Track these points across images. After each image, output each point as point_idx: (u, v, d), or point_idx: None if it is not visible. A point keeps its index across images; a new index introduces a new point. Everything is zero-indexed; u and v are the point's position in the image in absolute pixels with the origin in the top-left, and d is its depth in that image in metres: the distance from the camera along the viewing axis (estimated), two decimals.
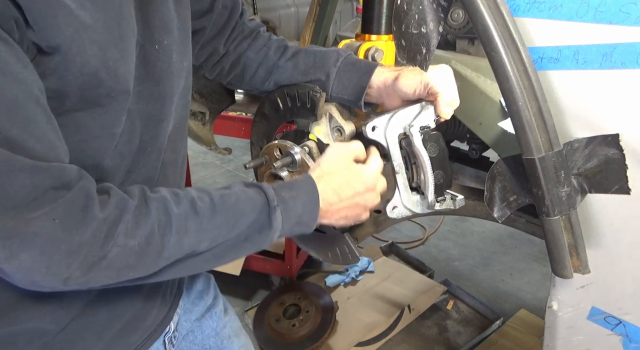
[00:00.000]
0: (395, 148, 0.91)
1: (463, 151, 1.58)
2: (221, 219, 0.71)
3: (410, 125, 0.88)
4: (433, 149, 0.89)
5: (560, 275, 0.93)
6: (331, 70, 0.95)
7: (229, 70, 1.08)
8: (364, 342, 2.28)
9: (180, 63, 0.81)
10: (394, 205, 0.95)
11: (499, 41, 0.79)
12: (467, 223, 3.49)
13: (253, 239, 0.75)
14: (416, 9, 0.95)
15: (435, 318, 2.52)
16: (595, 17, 0.77)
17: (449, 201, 0.94)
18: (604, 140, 0.82)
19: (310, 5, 1.75)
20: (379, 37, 1.09)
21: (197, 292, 1.13)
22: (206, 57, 1.07)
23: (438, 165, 0.90)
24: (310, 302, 2.39)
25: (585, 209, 0.89)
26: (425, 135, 0.89)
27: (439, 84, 0.85)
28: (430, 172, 0.90)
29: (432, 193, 0.92)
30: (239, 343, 1.17)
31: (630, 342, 0.94)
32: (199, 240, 0.69)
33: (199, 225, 0.69)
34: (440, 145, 0.90)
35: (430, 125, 0.89)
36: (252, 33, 1.08)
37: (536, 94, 0.81)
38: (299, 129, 1.04)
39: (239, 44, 1.06)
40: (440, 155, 0.90)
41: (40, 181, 0.57)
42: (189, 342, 1.11)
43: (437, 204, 0.93)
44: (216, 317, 1.15)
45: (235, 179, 4.40)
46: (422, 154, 0.89)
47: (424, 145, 0.88)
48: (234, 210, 0.73)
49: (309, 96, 0.96)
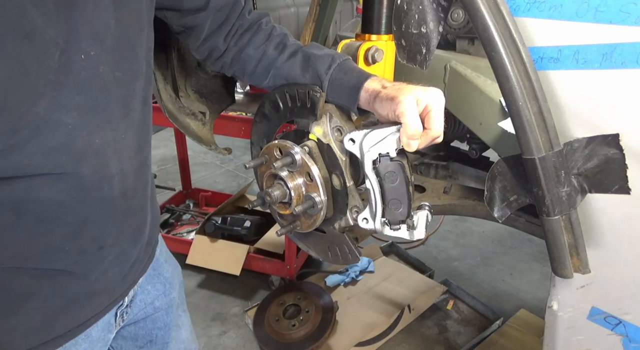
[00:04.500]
0: (368, 164, 0.89)
1: (463, 151, 1.58)
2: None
3: (368, 150, 0.86)
4: (391, 178, 0.87)
5: (560, 275, 0.93)
6: (323, 77, 0.94)
7: (230, 65, 1.07)
8: (364, 342, 2.28)
9: (110, 73, 0.77)
10: (364, 217, 0.96)
11: (499, 41, 0.79)
12: (467, 223, 3.49)
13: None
14: (416, 9, 0.95)
15: (435, 318, 2.52)
16: (595, 16, 0.77)
17: (403, 231, 0.92)
18: (604, 140, 0.82)
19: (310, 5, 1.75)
20: (379, 37, 1.09)
21: (162, 277, 1.15)
22: (208, 53, 1.06)
23: (394, 194, 0.88)
24: (310, 302, 2.39)
25: (586, 209, 0.89)
26: (384, 161, 0.86)
27: (406, 114, 0.79)
28: (378, 199, 0.89)
29: (379, 219, 0.91)
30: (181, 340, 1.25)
31: (630, 342, 0.94)
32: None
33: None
34: (401, 176, 0.87)
35: (391, 153, 0.86)
36: (252, 26, 1.06)
37: (536, 94, 0.81)
38: (299, 129, 1.04)
39: (239, 39, 1.05)
40: (399, 185, 0.87)
41: None
42: (138, 327, 1.15)
43: (389, 230, 0.92)
44: (171, 312, 1.20)
45: (236, 179, 4.41)
46: (371, 180, 0.88)
47: (376, 173, 0.87)
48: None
49: (309, 96, 0.96)
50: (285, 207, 1.06)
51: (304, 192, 1.02)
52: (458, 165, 1.54)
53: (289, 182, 1.01)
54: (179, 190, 3.70)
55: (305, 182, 1.01)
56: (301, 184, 1.02)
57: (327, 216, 1.04)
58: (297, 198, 1.02)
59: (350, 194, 1.00)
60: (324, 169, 1.00)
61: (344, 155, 0.98)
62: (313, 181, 0.99)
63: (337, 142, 0.98)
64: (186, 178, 3.61)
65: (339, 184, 1.00)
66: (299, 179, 1.02)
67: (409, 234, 0.93)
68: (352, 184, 1.00)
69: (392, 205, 0.90)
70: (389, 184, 0.88)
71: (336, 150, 0.98)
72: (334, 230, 1.06)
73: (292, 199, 1.02)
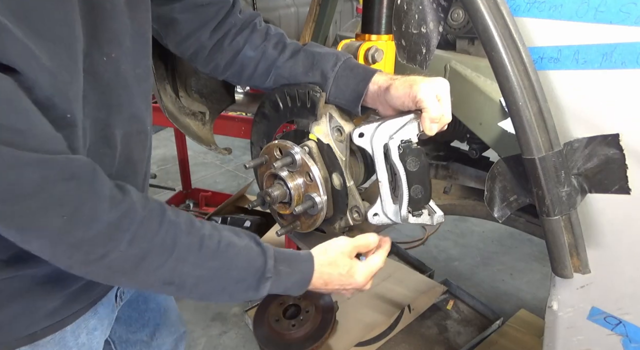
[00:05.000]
0: (380, 157, 0.90)
1: (463, 151, 1.58)
2: (218, 265, 0.78)
3: (391, 137, 0.88)
4: (413, 164, 0.88)
5: (560, 275, 0.93)
6: (329, 74, 0.95)
7: (224, 68, 1.05)
8: (364, 342, 2.27)
9: (131, 71, 0.82)
10: (374, 212, 0.96)
11: (499, 41, 0.79)
12: (467, 223, 3.49)
13: (236, 294, 0.83)
14: (416, 9, 0.95)
15: (435, 318, 2.51)
16: (595, 17, 0.77)
17: (425, 216, 0.93)
18: (604, 140, 0.82)
19: (310, 5, 1.75)
20: (379, 37, 1.09)
21: None
22: (193, 51, 1.04)
23: (417, 180, 0.89)
24: (310, 302, 2.39)
25: (586, 209, 0.89)
26: (405, 148, 0.87)
27: (427, 99, 0.84)
28: (405, 186, 0.89)
29: (405, 207, 0.91)
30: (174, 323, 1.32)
31: (630, 342, 0.94)
32: (190, 274, 0.76)
33: (197, 260, 0.76)
34: (422, 161, 0.89)
35: (412, 139, 0.88)
36: (246, 25, 1.03)
37: (536, 94, 0.81)
38: (299, 129, 1.04)
39: (233, 40, 1.02)
40: (420, 170, 0.89)
41: (48, 173, 0.60)
42: (132, 308, 1.20)
43: (412, 218, 0.93)
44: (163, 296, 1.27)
45: (236, 179, 4.40)
46: (398, 168, 0.88)
47: (402, 159, 0.88)
48: (232, 262, 0.79)
49: (309, 96, 0.96)
50: (285, 207, 1.06)
51: (304, 192, 1.02)
52: (458, 165, 1.54)
53: (289, 182, 1.01)
54: (179, 190, 3.70)
55: (305, 182, 1.01)
56: (301, 184, 1.02)
57: (327, 216, 1.04)
58: (297, 198, 1.02)
59: (350, 194, 1.00)
60: (324, 169, 1.00)
61: (344, 155, 0.98)
62: (313, 181, 0.99)
63: (337, 142, 0.98)
64: (186, 178, 3.61)
65: (339, 184, 1.00)
66: (299, 179, 1.02)
67: (430, 219, 0.93)
68: (352, 184, 1.00)
69: (415, 191, 0.91)
70: (411, 170, 0.89)
71: (336, 150, 0.98)
72: (334, 230, 1.06)
73: (292, 199, 1.02)
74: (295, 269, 0.86)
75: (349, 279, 0.91)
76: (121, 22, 0.78)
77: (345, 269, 0.91)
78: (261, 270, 0.81)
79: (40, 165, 0.59)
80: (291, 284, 0.86)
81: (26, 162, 0.58)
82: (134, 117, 0.85)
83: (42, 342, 0.87)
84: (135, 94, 0.84)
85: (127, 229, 0.68)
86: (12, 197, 0.59)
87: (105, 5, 0.73)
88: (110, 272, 0.71)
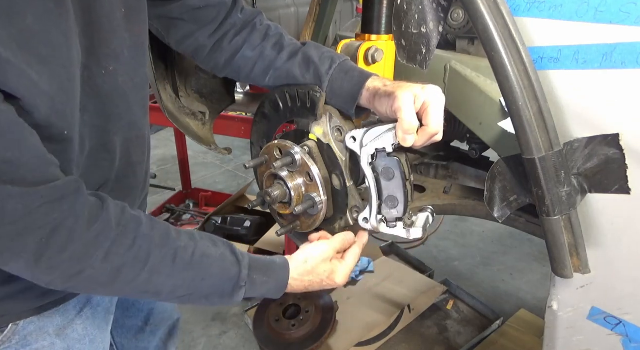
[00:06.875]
0: (366, 162, 0.90)
1: (463, 151, 1.58)
2: (192, 275, 0.81)
3: (365, 145, 0.87)
4: (387, 174, 0.87)
5: (560, 275, 0.93)
6: (324, 77, 0.94)
7: (223, 66, 1.06)
8: (364, 342, 2.27)
9: (129, 82, 0.85)
10: (364, 216, 0.96)
11: (499, 41, 0.79)
12: (467, 223, 3.49)
13: (212, 300, 0.86)
14: (416, 9, 0.94)
15: (435, 318, 2.51)
16: (595, 16, 0.77)
17: (399, 229, 0.92)
18: (604, 140, 0.82)
19: (310, 5, 1.75)
20: (379, 37, 1.09)
21: None
22: (193, 50, 1.06)
23: (390, 191, 0.88)
24: (310, 302, 2.39)
25: (586, 209, 0.89)
26: (379, 158, 0.87)
27: (404, 109, 0.81)
28: (374, 195, 0.89)
29: (374, 216, 0.91)
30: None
31: (630, 342, 0.94)
32: (165, 284, 0.80)
33: (171, 272, 0.79)
34: (399, 171, 0.87)
35: (387, 148, 0.86)
36: (246, 25, 1.04)
37: (536, 94, 0.81)
38: (299, 129, 1.04)
39: (232, 40, 1.03)
40: (396, 181, 0.87)
41: (31, 202, 0.63)
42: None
43: (386, 228, 0.92)
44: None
45: (236, 179, 4.41)
46: (367, 176, 0.88)
47: (373, 168, 0.87)
48: (206, 272, 0.83)
49: (309, 96, 0.96)
50: (285, 207, 1.06)
51: (304, 192, 1.02)
52: (458, 165, 1.54)
53: (289, 182, 1.01)
54: (179, 190, 3.70)
55: (305, 182, 1.01)
56: (301, 184, 1.02)
57: (327, 216, 1.04)
58: (297, 198, 1.02)
59: (350, 194, 1.00)
60: (324, 169, 1.00)
61: (344, 155, 0.98)
62: (313, 181, 0.99)
63: (337, 142, 0.98)
64: (186, 178, 3.61)
65: (339, 184, 1.00)
66: (299, 179, 1.02)
67: (405, 233, 0.92)
68: (352, 184, 1.00)
69: (389, 202, 0.89)
70: (385, 181, 0.88)
71: (336, 150, 0.98)
72: (334, 230, 1.06)
73: (292, 199, 1.02)
74: (271, 277, 0.90)
75: (329, 282, 0.97)
76: (119, 36, 0.80)
77: (326, 274, 0.96)
78: (235, 279, 0.85)
79: (24, 197, 0.63)
80: (266, 291, 0.90)
81: (9, 194, 0.61)
82: (132, 123, 0.89)
83: (48, 313, 0.92)
84: (133, 102, 0.87)
85: (100, 246, 0.71)
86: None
87: (103, 21, 0.75)
88: (87, 285, 0.75)
